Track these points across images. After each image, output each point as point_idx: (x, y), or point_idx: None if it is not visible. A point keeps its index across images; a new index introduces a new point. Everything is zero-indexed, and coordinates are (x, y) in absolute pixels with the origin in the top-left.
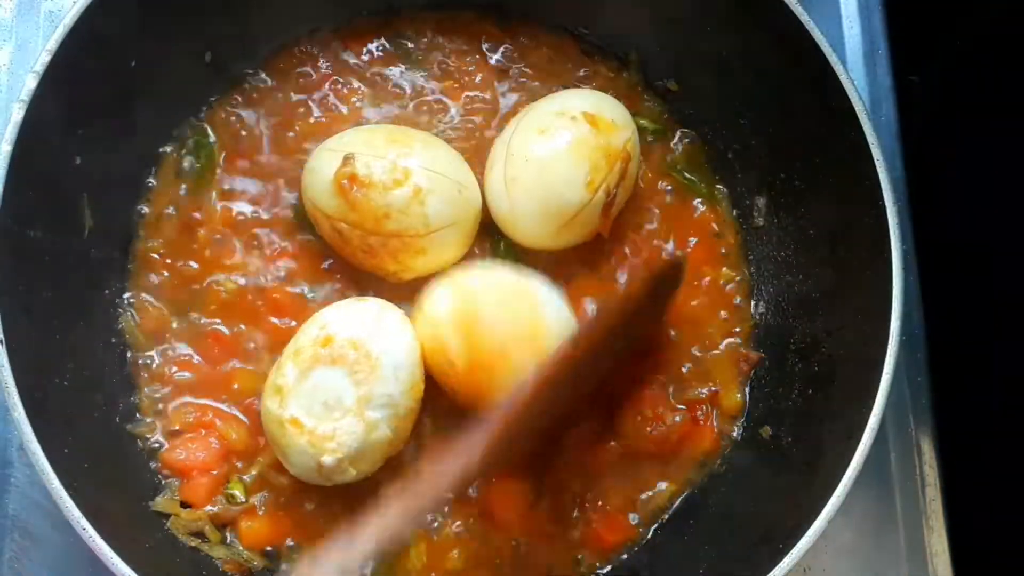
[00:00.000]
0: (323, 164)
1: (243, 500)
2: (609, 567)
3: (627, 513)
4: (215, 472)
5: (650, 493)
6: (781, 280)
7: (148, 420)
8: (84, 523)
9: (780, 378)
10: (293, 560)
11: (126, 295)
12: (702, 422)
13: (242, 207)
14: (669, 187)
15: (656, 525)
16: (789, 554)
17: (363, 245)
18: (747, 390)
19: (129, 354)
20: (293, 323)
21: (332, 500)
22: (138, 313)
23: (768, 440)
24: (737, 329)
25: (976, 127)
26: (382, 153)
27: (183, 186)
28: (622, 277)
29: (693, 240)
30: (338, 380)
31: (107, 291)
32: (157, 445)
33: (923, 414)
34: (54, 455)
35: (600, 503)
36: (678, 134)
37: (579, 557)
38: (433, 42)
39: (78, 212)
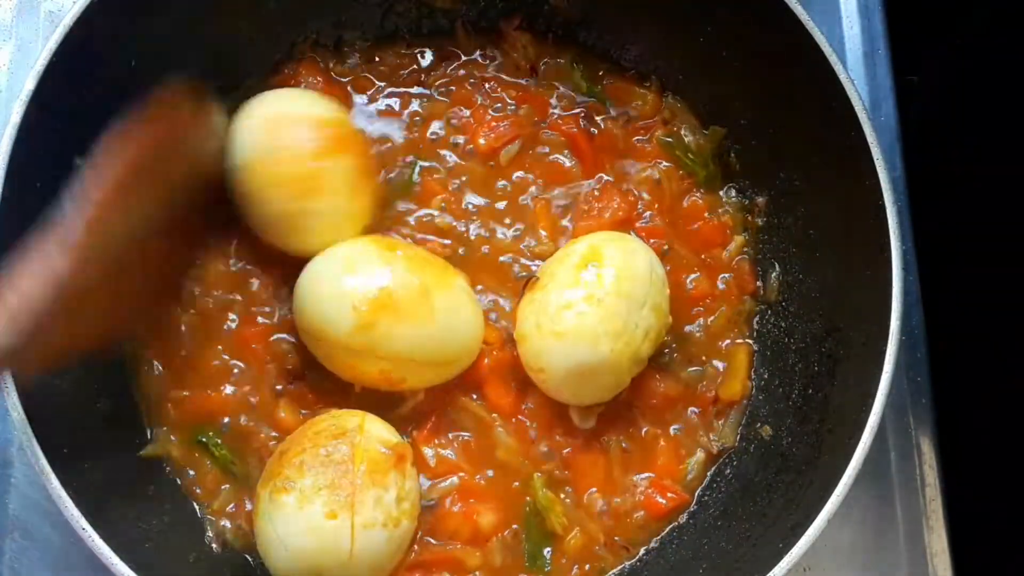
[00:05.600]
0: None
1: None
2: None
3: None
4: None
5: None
6: (781, 280)
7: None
8: (84, 523)
9: (780, 378)
10: None
11: None
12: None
13: None
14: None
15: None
16: (789, 554)
17: None
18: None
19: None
20: None
21: None
22: None
23: (768, 440)
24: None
25: (976, 127)
26: None
27: None
28: None
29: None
30: None
31: None
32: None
33: (923, 414)
34: (54, 455)
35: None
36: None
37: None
38: None
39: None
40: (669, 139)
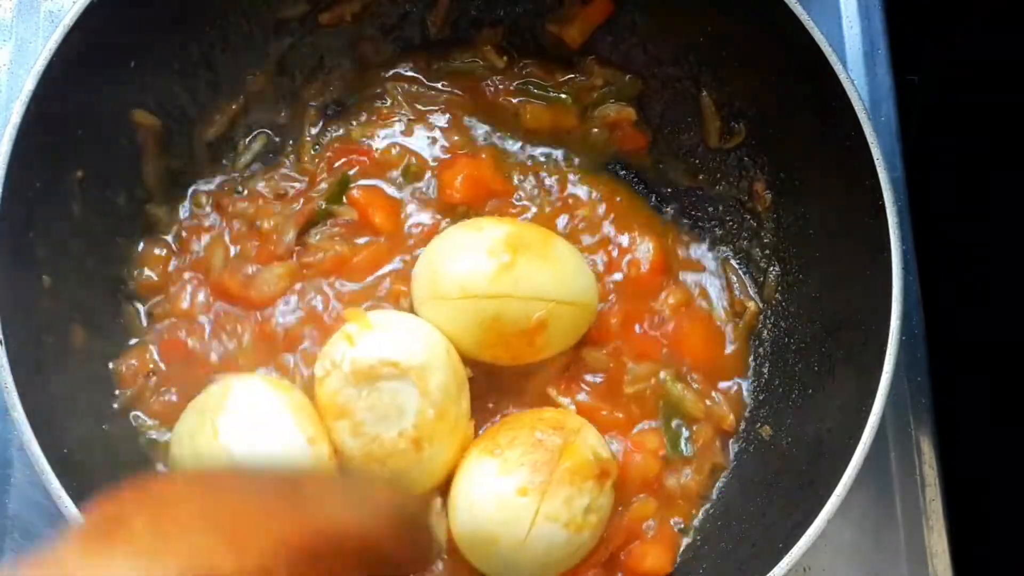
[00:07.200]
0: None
1: None
2: None
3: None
4: None
5: None
6: (781, 280)
7: (152, 420)
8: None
9: (780, 378)
10: None
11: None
12: None
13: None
14: None
15: None
16: (789, 554)
17: None
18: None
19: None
20: None
21: None
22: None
23: (768, 440)
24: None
25: (976, 127)
26: None
27: None
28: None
29: None
30: None
31: (108, 290)
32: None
33: (923, 414)
34: (54, 455)
35: None
36: None
37: None
38: None
39: (77, 211)
40: None
